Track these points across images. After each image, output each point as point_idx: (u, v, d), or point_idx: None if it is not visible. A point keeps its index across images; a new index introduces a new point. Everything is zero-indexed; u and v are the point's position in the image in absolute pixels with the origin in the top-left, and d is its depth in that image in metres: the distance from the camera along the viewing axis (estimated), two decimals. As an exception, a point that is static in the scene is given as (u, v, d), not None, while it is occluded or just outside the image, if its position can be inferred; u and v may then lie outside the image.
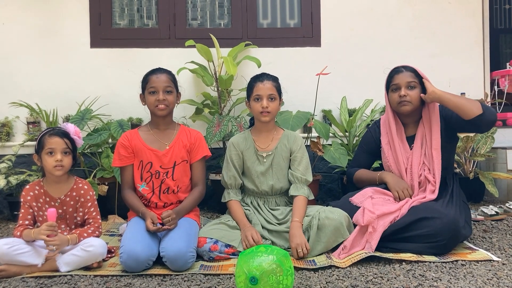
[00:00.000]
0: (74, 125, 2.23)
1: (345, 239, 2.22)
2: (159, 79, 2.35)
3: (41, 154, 2.13)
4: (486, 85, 3.93)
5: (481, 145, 3.45)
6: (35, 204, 2.16)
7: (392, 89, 2.45)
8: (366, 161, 2.67)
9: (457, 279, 1.87)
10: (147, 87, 2.36)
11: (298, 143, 2.51)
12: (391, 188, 2.42)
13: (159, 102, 2.33)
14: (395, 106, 2.45)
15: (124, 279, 1.96)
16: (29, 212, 2.15)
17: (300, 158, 2.48)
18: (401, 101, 2.40)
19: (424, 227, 2.17)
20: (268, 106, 2.37)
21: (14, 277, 1.99)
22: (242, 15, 3.78)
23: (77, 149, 2.25)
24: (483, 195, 3.51)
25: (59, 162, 2.10)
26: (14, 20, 3.62)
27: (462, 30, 3.89)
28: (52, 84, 3.62)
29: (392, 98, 2.45)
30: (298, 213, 2.32)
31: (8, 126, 3.54)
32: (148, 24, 3.81)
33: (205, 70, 3.45)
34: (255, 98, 2.39)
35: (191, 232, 2.21)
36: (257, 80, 2.42)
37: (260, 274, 1.59)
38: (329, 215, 2.25)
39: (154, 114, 2.40)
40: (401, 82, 2.41)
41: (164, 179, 2.37)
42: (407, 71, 2.43)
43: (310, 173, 2.50)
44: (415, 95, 2.40)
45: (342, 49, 3.81)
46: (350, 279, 1.90)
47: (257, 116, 2.44)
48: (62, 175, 2.14)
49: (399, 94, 2.40)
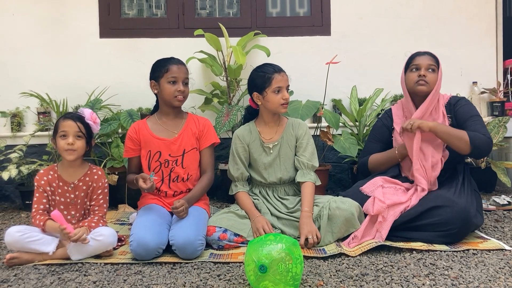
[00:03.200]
0: (91, 111, 2.24)
1: (356, 230, 2.21)
2: (180, 70, 2.36)
3: (56, 137, 2.16)
4: (498, 74, 3.86)
5: (493, 134, 3.40)
6: (49, 188, 2.18)
7: (412, 69, 2.44)
8: (379, 150, 2.62)
9: (469, 268, 1.86)
10: (167, 76, 2.33)
11: (303, 129, 2.49)
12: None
13: (179, 93, 2.34)
14: (411, 86, 2.43)
15: (134, 267, 1.98)
16: (44, 196, 2.16)
17: (306, 144, 2.46)
18: (419, 80, 2.38)
19: (435, 215, 2.16)
20: (288, 97, 2.38)
21: (26, 264, 2.02)
22: (251, 4, 3.76)
23: (93, 135, 2.26)
24: (495, 184, 3.47)
25: (71, 146, 2.11)
26: (23, 11, 3.63)
27: (474, 19, 3.82)
28: (61, 74, 3.64)
29: (410, 78, 2.43)
30: (307, 202, 2.31)
31: (19, 116, 3.56)
32: (157, 14, 3.79)
33: (214, 60, 3.44)
34: (276, 90, 2.35)
35: (200, 220, 2.21)
36: (274, 72, 2.36)
37: (269, 262, 1.58)
38: (340, 206, 2.23)
39: (169, 103, 2.38)
40: (422, 63, 2.40)
41: (174, 168, 2.38)
42: (428, 55, 2.43)
43: (316, 158, 2.48)
44: (433, 79, 2.39)
45: (352, 38, 3.77)
46: (360, 268, 1.90)
47: (277, 108, 2.39)
48: (74, 159, 2.16)
49: (418, 74, 2.39)
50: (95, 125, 2.24)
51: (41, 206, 2.15)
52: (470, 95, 3.76)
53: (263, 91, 2.38)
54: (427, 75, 2.38)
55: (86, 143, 2.19)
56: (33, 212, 2.13)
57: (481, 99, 3.79)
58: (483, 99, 3.82)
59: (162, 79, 2.35)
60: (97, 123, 2.26)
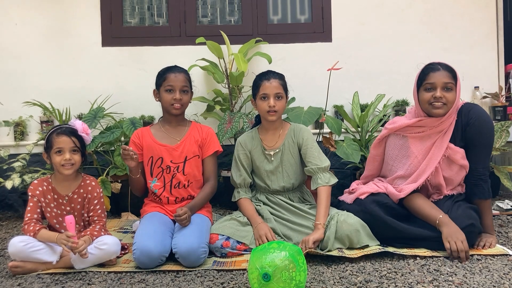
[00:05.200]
0: (82, 122, 2.24)
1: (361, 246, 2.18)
2: (177, 78, 2.37)
3: (50, 152, 2.14)
4: (500, 78, 3.86)
5: (496, 139, 3.40)
6: (43, 199, 2.17)
7: (426, 87, 2.21)
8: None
9: (473, 274, 1.85)
10: (164, 84, 2.37)
11: (304, 134, 2.46)
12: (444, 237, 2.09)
13: (175, 101, 2.36)
14: (426, 107, 2.23)
15: (138, 275, 1.98)
16: (38, 206, 2.16)
17: (310, 149, 2.44)
18: (435, 102, 2.18)
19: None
20: (275, 105, 2.34)
21: (29, 273, 2.02)
22: (252, 11, 3.77)
23: (86, 146, 2.26)
24: (498, 189, 3.46)
25: (68, 161, 2.11)
26: (27, 21, 3.65)
27: (475, 23, 3.83)
28: (64, 83, 3.65)
29: (424, 97, 2.22)
30: (321, 212, 2.24)
31: (22, 125, 3.57)
32: (158, 22, 3.81)
33: (215, 67, 3.45)
34: (262, 97, 2.36)
35: (202, 228, 2.21)
36: (263, 78, 2.37)
37: (273, 270, 1.58)
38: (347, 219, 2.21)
39: (168, 112, 2.42)
40: (437, 82, 2.18)
41: (175, 174, 2.39)
42: (444, 70, 2.20)
43: (324, 157, 2.45)
44: (452, 98, 2.17)
45: (353, 44, 3.78)
46: (363, 274, 1.89)
47: (264, 115, 2.41)
48: (71, 173, 2.16)
49: (433, 95, 2.18)
50: (87, 136, 2.24)
51: (35, 215, 2.13)
52: (472, 99, 3.76)
53: (255, 98, 2.42)
54: (444, 95, 2.16)
55: (81, 155, 2.19)
56: (25, 221, 2.11)
57: (483, 103, 3.79)
58: (485, 103, 3.82)
59: (161, 87, 2.39)
60: (89, 133, 2.26)
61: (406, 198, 2.27)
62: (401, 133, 2.36)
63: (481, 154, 2.23)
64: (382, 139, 2.47)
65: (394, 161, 2.38)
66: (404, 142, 2.35)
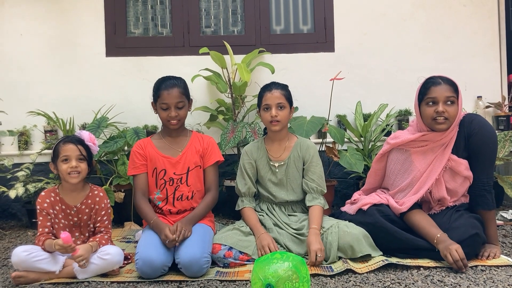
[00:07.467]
0: (89, 132, 2.25)
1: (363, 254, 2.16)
2: (171, 95, 2.33)
3: (56, 162, 2.15)
4: (503, 88, 3.87)
5: (499, 149, 3.39)
6: (52, 211, 2.17)
7: (428, 102, 2.20)
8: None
9: (477, 285, 1.84)
10: (159, 101, 2.36)
11: (310, 152, 2.48)
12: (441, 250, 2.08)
13: (171, 118, 2.35)
14: (428, 122, 2.22)
15: (141, 286, 1.97)
16: (48, 219, 2.16)
17: (314, 167, 2.46)
18: (437, 117, 2.17)
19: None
20: (277, 115, 2.36)
21: (32, 283, 2.02)
22: (255, 21, 3.80)
23: (93, 156, 2.27)
24: (502, 199, 3.44)
25: (74, 168, 2.12)
26: (31, 32, 3.68)
27: (477, 33, 3.84)
28: (68, 93, 3.67)
29: (427, 112, 2.20)
30: (315, 220, 2.30)
31: (26, 134, 3.59)
32: (162, 33, 3.84)
33: (219, 77, 3.46)
34: (265, 108, 2.40)
35: (205, 238, 2.21)
36: (265, 90, 2.42)
37: (276, 281, 1.58)
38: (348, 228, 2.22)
39: (165, 126, 2.43)
40: (439, 96, 2.16)
41: (178, 186, 2.39)
42: (446, 84, 2.18)
43: (324, 182, 2.49)
44: (454, 112, 2.16)
45: (356, 54, 3.79)
46: (367, 285, 1.88)
47: (267, 126, 2.43)
48: (78, 182, 2.15)
49: (435, 110, 2.16)
50: (94, 146, 2.24)
51: (46, 229, 2.13)
52: (475, 109, 3.76)
53: (259, 109, 2.45)
54: (446, 109, 2.15)
55: (87, 165, 2.19)
56: (37, 236, 2.12)
57: (486, 113, 3.79)
58: (488, 113, 3.82)
59: (157, 103, 2.38)
60: (96, 144, 2.26)
61: (406, 214, 2.25)
62: (404, 147, 2.36)
63: (484, 164, 2.22)
64: (384, 154, 2.47)
65: (397, 175, 2.37)
66: (407, 157, 2.34)
